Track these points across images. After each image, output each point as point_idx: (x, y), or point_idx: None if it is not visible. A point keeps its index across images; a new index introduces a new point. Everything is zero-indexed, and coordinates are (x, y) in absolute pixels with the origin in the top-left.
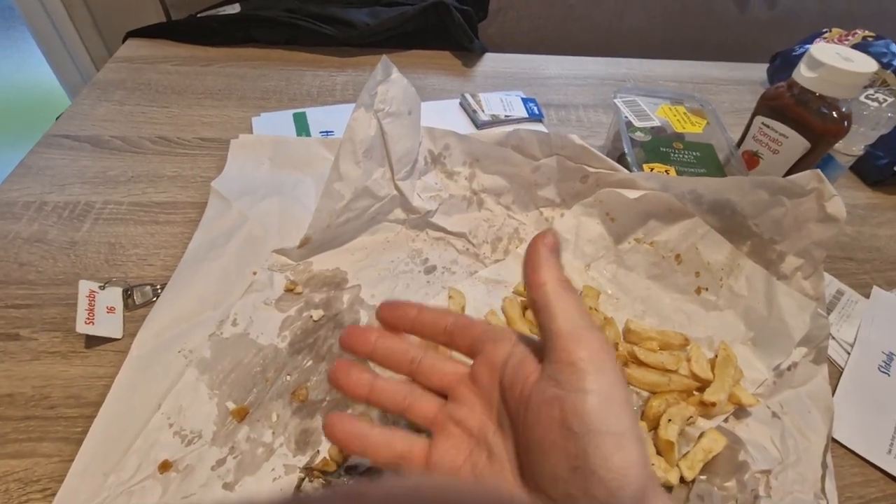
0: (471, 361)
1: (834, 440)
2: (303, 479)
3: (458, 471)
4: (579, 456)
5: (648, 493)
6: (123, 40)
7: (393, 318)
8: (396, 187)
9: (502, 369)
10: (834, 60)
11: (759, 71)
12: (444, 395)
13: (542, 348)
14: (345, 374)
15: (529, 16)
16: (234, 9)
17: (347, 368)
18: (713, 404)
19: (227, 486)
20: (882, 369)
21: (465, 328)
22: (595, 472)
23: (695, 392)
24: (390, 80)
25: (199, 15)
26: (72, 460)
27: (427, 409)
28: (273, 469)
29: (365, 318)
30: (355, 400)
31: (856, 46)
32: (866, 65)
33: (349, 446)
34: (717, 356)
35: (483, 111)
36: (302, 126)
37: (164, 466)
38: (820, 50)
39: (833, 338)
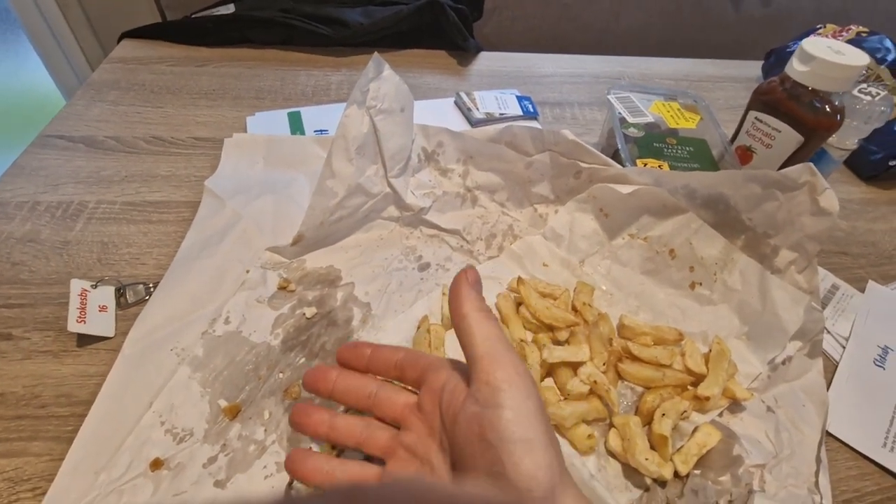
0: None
1: (829, 434)
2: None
3: None
4: (496, 463)
5: (557, 492)
6: (118, 41)
7: (350, 358)
8: (389, 184)
9: (440, 395)
10: (825, 54)
11: (753, 68)
12: (397, 425)
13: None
14: (305, 416)
15: (524, 15)
16: (229, 9)
17: (307, 411)
18: (707, 399)
19: (219, 484)
20: (877, 363)
21: (413, 362)
22: (507, 476)
23: (689, 387)
24: (382, 77)
25: (193, 15)
26: (62, 459)
27: (381, 440)
28: (265, 466)
29: (358, 315)
30: (316, 439)
31: (850, 42)
32: (858, 58)
33: (312, 480)
34: (711, 351)
35: (478, 109)
36: (296, 125)
37: (156, 464)
38: (812, 44)
39: (828, 332)
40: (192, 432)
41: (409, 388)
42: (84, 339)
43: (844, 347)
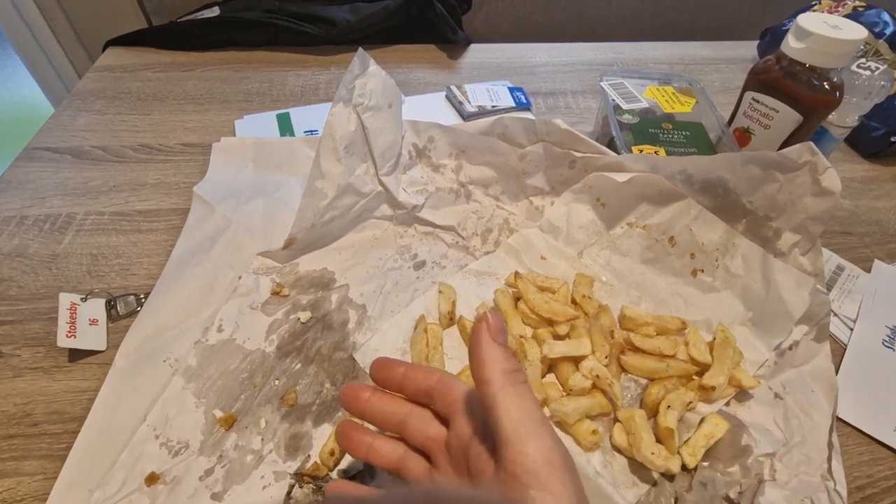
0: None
1: (839, 419)
2: (293, 486)
3: None
4: None
5: None
6: (103, 49)
7: (384, 376)
8: (381, 183)
9: (467, 450)
10: (822, 29)
11: (749, 49)
12: (427, 455)
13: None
14: (347, 437)
15: (514, 5)
16: (214, 12)
17: (349, 432)
18: (713, 388)
19: (216, 497)
20: (887, 344)
21: (443, 393)
22: None
23: (694, 377)
24: (368, 73)
25: (178, 20)
26: (56, 478)
27: (416, 470)
28: (263, 476)
29: (354, 317)
30: (357, 458)
31: (847, 17)
32: (855, 32)
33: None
34: (715, 338)
35: (470, 102)
36: (286, 127)
37: (151, 479)
38: (807, 19)
39: (835, 314)
40: (187, 444)
41: (439, 416)
42: (75, 354)
43: (852, 329)
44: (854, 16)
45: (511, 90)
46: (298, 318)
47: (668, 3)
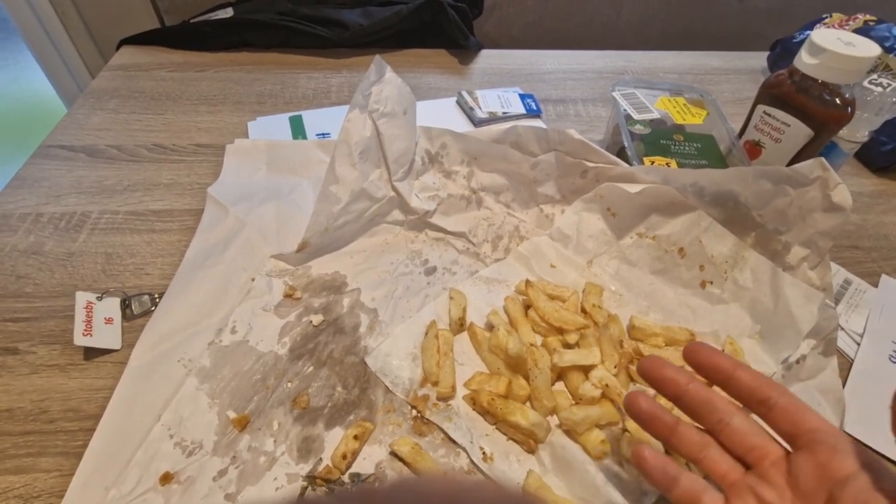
0: (787, 446)
1: (846, 434)
2: (306, 488)
3: None
4: None
5: None
6: (117, 48)
7: (708, 366)
8: (394, 188)
9: (839, 486)
10: (835, 46)
11: (759, 59)
12: (741, 461)
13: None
14: (642, 406)
15: (525, 11)
16: (227, 13)
17: (644, 401)
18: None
19: (229, 497)
20: (893, 359)
21: (793, 413)
22: None
23: None
24: (384, 79)
25: (192, 20)
26: (72, 475)
27: (723, 468)
28: (275, 478)
29: (365, 321)
30: (654, 436)
31: (857, 31)
32: (869, 49)
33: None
34: (723, 351)
35: (480, 108)
36: (298, 129)
37: (166, 478)
38: (821, 35)
39: (842, 328)
40: (201, 445)
41: (770, 432)
42: (91, 353)
43: (859, 344)
44: (864, 30)
45: (522, 97)
46: (311, 321)
47: (678, 12)
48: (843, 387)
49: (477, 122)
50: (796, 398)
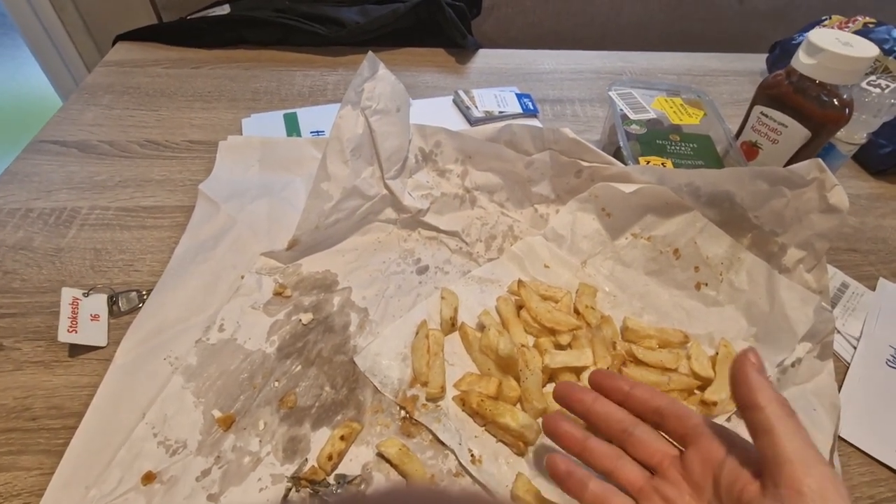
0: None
1: (841, 438)
2: (290, 489)
3: None
4: None
5: None
6: (113, 44)
7: (607, 387)
8: (386, 186)
9: (718, 468)
10: (833, 46)
11: (758, 61)
12: (647, 468)
13: (756, 461)
14: (558, 429)
15: (524, 11)
16: (224, 10)
17: (562, 424)
18: (714, 403)
19: (212, 498)
20: (890, 364)
21: (679, 415)
22: None
23: (696, 391)
24: (377, 76)
25: (188, 17)
26: (53, 473)
27: (632, 475)
28: (259, 479)
29: (356, 320)
30: (567, 451)
31: (857, 33)
32: (867, 50)
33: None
34: (717, 353)
35: (477, 108)
36: (293, 127)
37: (148, 478)
38: (819, 35)
39: (838, 332)
40: (185, 444)
41: (666, 437)
42: (76, 349)
43: (855, 348)
44: (864, 32)
45: (519, 96)
46: (300, 320)
47: (678, 13)
48: (839, 391)
49: (473, 122)
50: (683, 404)
